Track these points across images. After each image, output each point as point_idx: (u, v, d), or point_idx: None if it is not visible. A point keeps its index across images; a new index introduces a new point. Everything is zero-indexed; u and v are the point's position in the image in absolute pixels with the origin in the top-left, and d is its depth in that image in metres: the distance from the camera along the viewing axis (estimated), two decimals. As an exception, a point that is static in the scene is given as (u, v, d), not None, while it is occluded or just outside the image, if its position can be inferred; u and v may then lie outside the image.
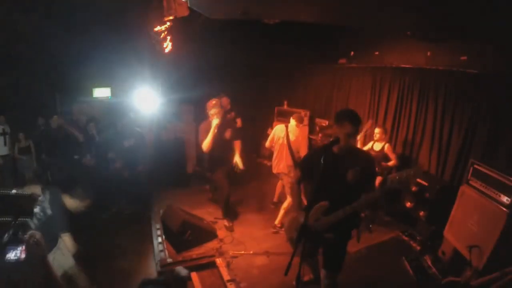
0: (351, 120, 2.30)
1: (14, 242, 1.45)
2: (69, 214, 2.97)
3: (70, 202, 2.91)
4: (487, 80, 3.76)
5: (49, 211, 2.75)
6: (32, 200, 1.59)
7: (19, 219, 1.51)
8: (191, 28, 4.86)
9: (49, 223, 2.36)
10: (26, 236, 1.49)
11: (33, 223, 1.97)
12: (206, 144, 4.16)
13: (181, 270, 3.35)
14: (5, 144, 5.37)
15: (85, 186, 4.89)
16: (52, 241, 2.42)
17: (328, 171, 2.19)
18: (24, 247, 1.48)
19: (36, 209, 1.97)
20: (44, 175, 4.57)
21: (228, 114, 5.55)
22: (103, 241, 4.10)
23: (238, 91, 6.15)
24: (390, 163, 4.49)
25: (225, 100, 5.56)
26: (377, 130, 4.61)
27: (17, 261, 1.45)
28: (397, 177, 2.32)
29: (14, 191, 1.61)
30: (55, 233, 2.59)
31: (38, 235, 1.57)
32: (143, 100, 5.75)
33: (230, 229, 4.44)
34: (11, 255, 1.46)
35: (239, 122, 5.68)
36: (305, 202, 2.75)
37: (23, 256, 1.48)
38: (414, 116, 4.83)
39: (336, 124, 2.38)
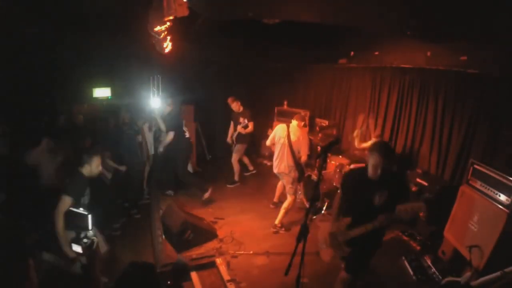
0: (380, 151, 2.48)
1: (78, 241, 2.50)
2: None
3: None
4: (487, 80, 3.76)
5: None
6: (86, 217, 2.50)
7: (81, 232, 2.53)
8: (191, 28, 4.85)
9: None
10: (84, 240, 2.49)
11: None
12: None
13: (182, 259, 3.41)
14: (5, 145, 5.36)
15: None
16: None
17: (360, 194, 2.60)
18: (82, 247, 2.48)
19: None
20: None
21: (241, 117, 5.78)
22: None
23: (238, 91, 6.16)
24: None
25: (236, 104, 5.80)
26: (371, 122, 4.70)
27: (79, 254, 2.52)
28: (403, 209, 2.39)
29: (81, 209, 2.59)
30: None
31: (94, 241, 2.59)
32: (143, 100, 5.75)
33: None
34: (75, 248, 2.49)
35: (251, 126, 5.79)
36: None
37: (81, 251, 2.47)
38: (414, 116, 4.83)
39: (368, 152, 2.58)
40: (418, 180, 4.27)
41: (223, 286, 3.37)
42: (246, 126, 5.75)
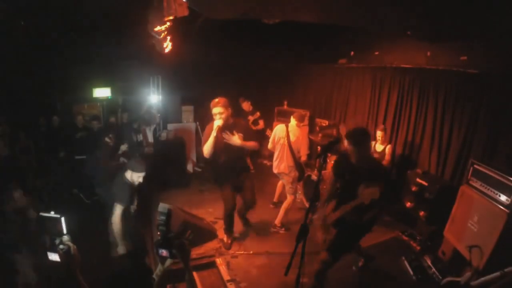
0: (348, 138, 2.75)
1: (53, 249, 2.12)
2: None
3: None
4: (487, 80, 3.75)
5: None
6: (59, 220, 2.17)
7: (56, 238, 2.16)
8: (191, 28, 4.86)
9: None
10: (60, 247, 2.15)
11: None
12: (206, 148, 3.61)
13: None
14: (5, 145, 5.36)
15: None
16: None
17: (345, 178, 2.82)
18: (59, 255, 2.14)
19: None
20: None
21: (250, 116, 5.89)
22: (103, 241, 4.10)
23: (238, 91, 6.15)
24: (383, 162, 4.55)
25: (246, 104, 5.98)
26: (379, 134, 4.65)
27: (56, 263, 2.13)
28: (363, 193, 2.58)
29: (52, 213, 2.22)
30: None
31: (72, 248, 2.17)
32: (143, 100, 5.76)
33: (226, 246, 4.00)
34: (52, 257, 2.14)
35: (261, 123, 5.98)
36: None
37: (58, 260, 2.12)
38: (414, 116, 4.83)
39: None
40: (418, 180, 4.26)
41: (223, 286, 3.37)
42: (256, 123, 5.94)
